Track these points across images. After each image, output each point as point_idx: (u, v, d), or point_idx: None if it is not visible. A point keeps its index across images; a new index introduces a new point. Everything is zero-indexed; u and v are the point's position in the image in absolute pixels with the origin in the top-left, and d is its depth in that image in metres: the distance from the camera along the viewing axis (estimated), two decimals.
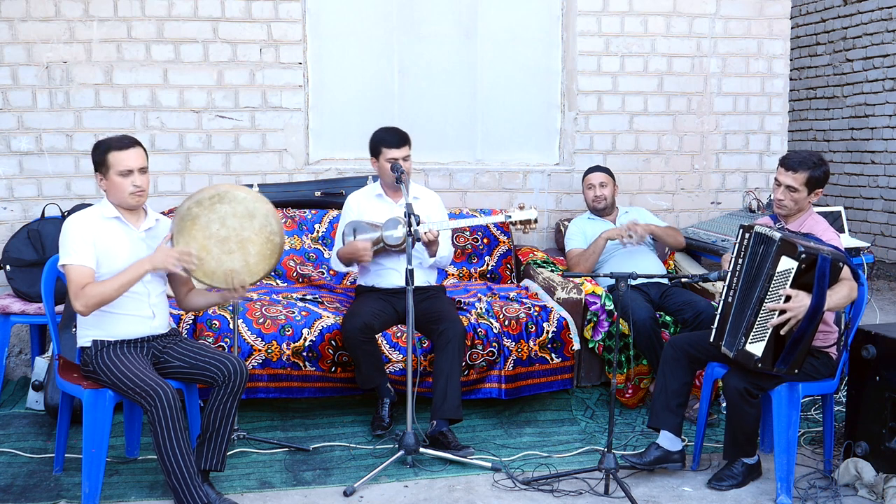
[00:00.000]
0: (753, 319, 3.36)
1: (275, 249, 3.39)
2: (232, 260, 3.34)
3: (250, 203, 3.35)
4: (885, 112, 7.68)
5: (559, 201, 5.57)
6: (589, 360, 4.56)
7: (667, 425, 3.66)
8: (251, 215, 3.34)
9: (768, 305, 3.33)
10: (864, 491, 3.48)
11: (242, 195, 3.36)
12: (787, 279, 3.29)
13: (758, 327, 3.35)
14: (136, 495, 3.42)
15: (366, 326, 3.97)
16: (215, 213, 3.30)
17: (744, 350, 3.38)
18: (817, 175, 3.60)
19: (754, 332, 3.36)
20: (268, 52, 5.17)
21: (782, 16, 5.70)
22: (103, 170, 3.26)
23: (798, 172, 3.60)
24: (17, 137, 4.97)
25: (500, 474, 3.67)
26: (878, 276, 7.64)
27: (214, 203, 3.31)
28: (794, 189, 3.60)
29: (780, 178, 3.65)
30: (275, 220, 3.39)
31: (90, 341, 3.29)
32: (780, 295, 3.30)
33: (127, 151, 3.24)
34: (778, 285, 3.32)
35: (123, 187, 3.25)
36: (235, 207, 3.33)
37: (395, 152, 4.19)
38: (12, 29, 4.90)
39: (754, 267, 3.46)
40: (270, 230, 3.37)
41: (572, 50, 5.53)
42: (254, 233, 3.35)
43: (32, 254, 4.52)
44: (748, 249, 3.51)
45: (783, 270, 3.30)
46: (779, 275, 3.31)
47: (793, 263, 3.27)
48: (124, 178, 3.24)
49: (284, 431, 4.15)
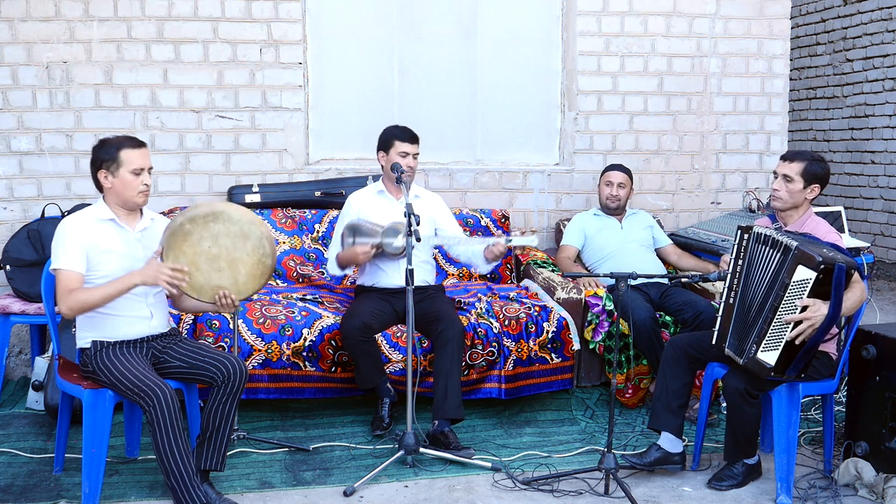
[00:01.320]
0: (766, 328, 3.31)
1: (265, 271, 3.41)
2: (221, 277, 3.35)
3: (245, 225, 3.35)
4: (885, 112, 7.67)
5: (559, 201, 5.57)
6: (589, 360, 4.56)
7: (668, 427, 3.66)
8: (245, 236, 3.35)
9: (785, 317, 3.27)
10: (864, 491, 3.48)
11: (238, 216, 3.36)
12: (804, 290, 3.24)
13: (771, 336, 3.31)
14: (136, 495, 3.42)
15: (365, 326, 3.97)
16: (208, 231, 3.31)
17: (755, 358, 3.34)
18: (814, 169, 3.59)
19: (767, 341, 3.31)
20: (268, 52, 5.17)
21: (782, 16, 5.70)
22: (113, 167, 3.25)
23: (794, 162, 3.59)
24: (17, 137, 4.97)
25: (500, 474, 3.67)
26: (878, 276, 7.64)
27: (208, 222, 3.31)
28: (789, 178, 3.59)
29: (777, 170, 3.66)
30: (268, 243, 3.40)
31: (89, 342, 3.29)
32: (795, 305, 3.26)
33: (139, 150, 3.28)
34: (794, 295, 3.26)
35: (134, 185, 3.26)
36: (230, 227, 3.33)
37: (408, 147, 4.23)
38: (12, 29, 4.90)
39: (757, 270, 3.43)
40: (263, 252, 3.38)
41: (572, 50, 5.53)
42: (246, 253, 3.36)
43: (32, 254, 4.52)
44: (747, 251, 3.50)
45: (800, 280, 3.25)
46: (794, 284, 3.25)
47: (810, 274, 3.22)
48: (136, 176, 3.26)
49: (284, 431, 4.15)
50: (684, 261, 4.93)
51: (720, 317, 3.57)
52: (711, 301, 4.48)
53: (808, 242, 3.35)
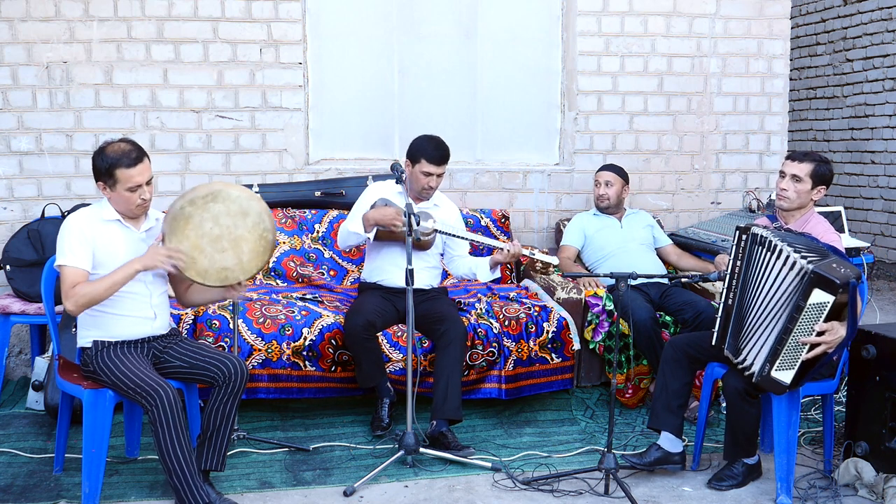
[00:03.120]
0: (780, 349, 3.27)
1: (267, 247, 3.39)
2: (225, 258, 3.33)
3: (244, 201, 3.34)
4: (885, 112, 7.67)
5: (559, 201, 5.57)
6: (589, 360, 4.56)
7: (668, 427, 3.66)
8: (244, 213, 3.34)
9: (801, 338, 3.24)
10: (864, 491, 3.48)
11: (236, 194, 3.34)
12: (821, 313, 3.19)
13: (786, 356, 3.28)
14: (136, 495, 3.42)
15: (368, 324, 3.97)
16: (208, 212, 3.29)
17: (769, 377, 3.32)
18: (822, 170, 3.61)
19: (781, 361, 3.28)
20: (268, 52, 5.17)
21: (782, 16, 5.70)
22: (110, 182, 3.21)
23: (804, 163, 3.61)
24: (17, 137, 4.97)
25: (500, 474, 3.67)
26: (878, 276, 7.64)
27: (208, 202, 3.29)
28: (798, 179, 3.60)
29: (785, 169, 3.65)
30: (268, 217, 3.38)
31: (90, 341, 3.29)
32: (812, 329, 3.22)
33: (136, 168, 3.20)
34: (810, 319, 3.21)
35: (131, 201, 3.24)
36: (229, 206, 3.32)
37: (433, 168, 4.15)
38: (12, 29, 4.90)
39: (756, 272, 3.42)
40: (263, 227, 3.37)
41: (572, 50, 5.53)
42: (247, 230, 3.34)
43: (32, 254, 4.52)
44: (745, 251, 3.50)
45: (816, 304, 3.19)
46: (811, 307, 3.20)
47: (827, 298, 3.16)
48: (133, 192, 3.23)
49: (284, 431, 4.15)
50: (684, 261, 4.93)
51: (719, 318, 3.57)
52: (711, 301, 4.48)
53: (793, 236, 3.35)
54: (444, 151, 4.19)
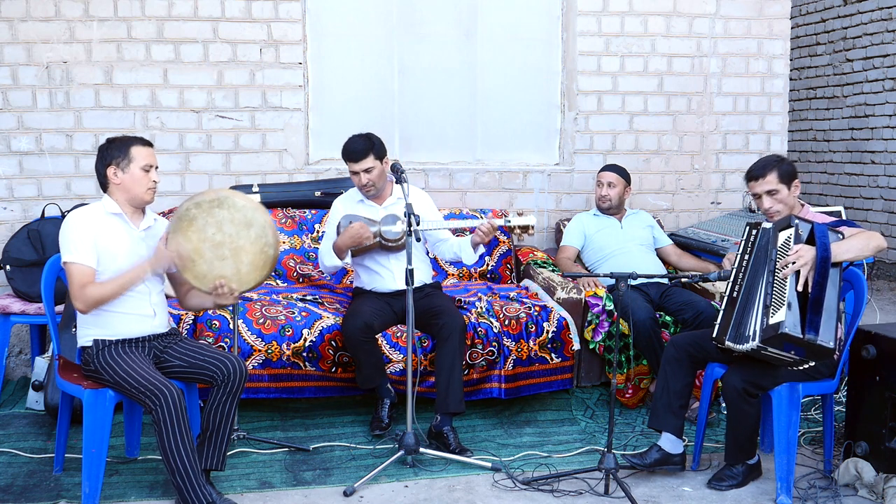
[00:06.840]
0: (770, 291, 3.35)
1: (268, 261, 3.40)
2: (224, 266, 3.35)
3: (249, 212, 3.36)
4: (885, 112, 7.67)
5: (559, 201, 5.57)
6: (589, 360, 4.56)
7: (668, 427, 3.66)
8: (248, 224, 3.35)
9: (782, 273, 3.33)
10: (864, 491, 3.48)
11: (242, 203, 3.36)
12: (789, 245, 3.36)
13: (775, 301, 3.32)
14: (136, 495, 3.42)
15: (366, 326, 3.97)
16: (213, 217, 3.31)
17: (768, 327, 3.28)
18: (785, 168, 3.65)
19: (774, 306, 3.32)
20: (268, 52, 5.17)
21: (782, 16, 5.70)
22: (123, 163, 3.28)
23: (768, 175, 3.63)
24: (17, 137, 4.97)
25: (500, 474, 3.67)
26: (878, 276, 7.64)
27: (213, 207, 3.31)
28: (773, 191, 3.63)
29: (756, 191, 3.67)
30: (271, 231, 3.39)
31: (91, 340, 3.29)
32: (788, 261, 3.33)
33: (148, 148, 3.35)
34: (783, 255, 3.36)
35: (144, 182, 3.30)
36: (234, 214, 3.33)
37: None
38: (12, 29, 4.90)
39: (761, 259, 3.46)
40: (265, 241, 3.38)
41: (572, 50, 5.53)
42: (249, 242, 3.36)
43: (32, 254, 4.52)
44: (755, 245, 3.51)
45: (784, 241, 3.39)
46: (781, 247, 3.39)
47: (788, 231, 3.39)
48: (146, 172, 3.31)
49: (284, 431, 4.15)
50: (684, 261, 4.93)
51: (722, 311, 3.54)
52: (711, 301, 4.48)
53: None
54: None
